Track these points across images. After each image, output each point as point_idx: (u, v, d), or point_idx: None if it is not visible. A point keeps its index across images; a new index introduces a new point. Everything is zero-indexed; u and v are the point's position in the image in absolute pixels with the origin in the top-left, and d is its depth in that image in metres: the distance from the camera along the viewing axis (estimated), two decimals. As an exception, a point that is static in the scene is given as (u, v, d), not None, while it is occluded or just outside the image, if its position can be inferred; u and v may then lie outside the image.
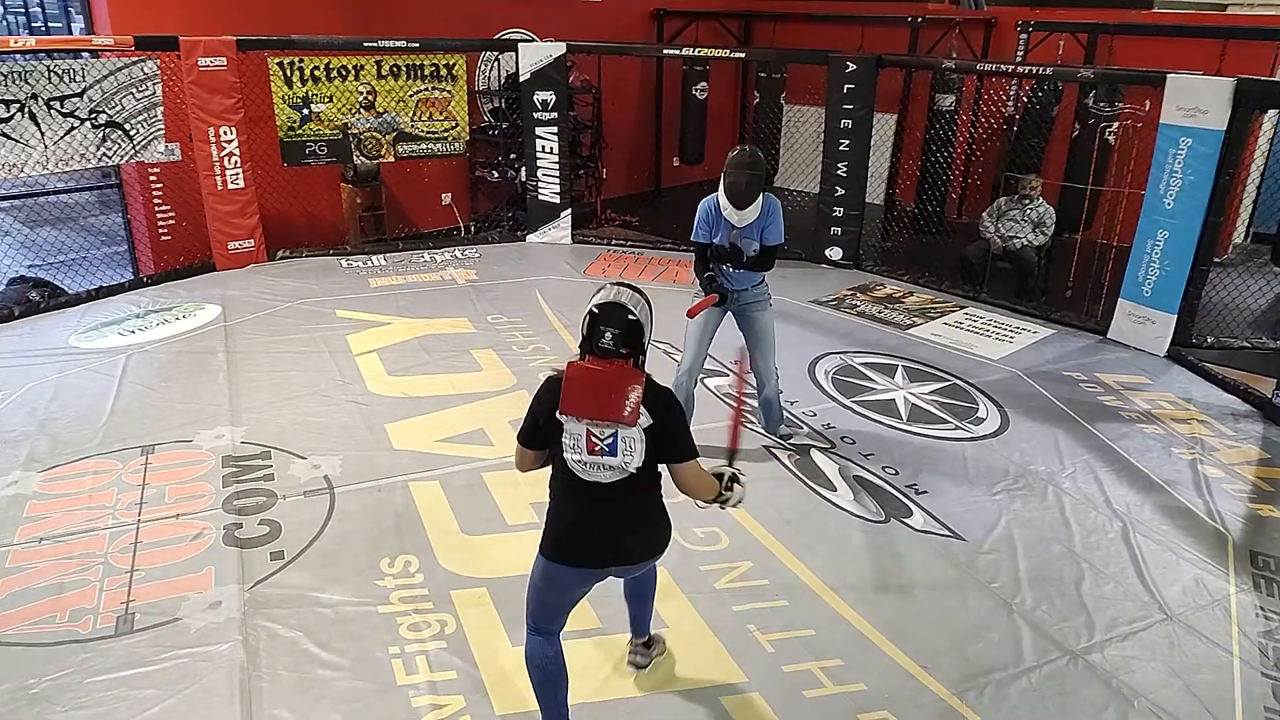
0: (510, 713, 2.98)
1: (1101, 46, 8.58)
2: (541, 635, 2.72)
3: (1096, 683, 3.19)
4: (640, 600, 3.10)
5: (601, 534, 2.62)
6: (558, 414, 2.51)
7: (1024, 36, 8.86)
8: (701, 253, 4.50)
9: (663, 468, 2.63)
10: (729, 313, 4.57)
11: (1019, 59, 8.86)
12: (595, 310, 2.55)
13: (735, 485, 2.77)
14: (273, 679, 3.09)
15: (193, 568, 3.65)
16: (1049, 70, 7.16)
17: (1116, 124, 7.00)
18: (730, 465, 2.81)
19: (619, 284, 2.63)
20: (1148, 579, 3.77)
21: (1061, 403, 5.40)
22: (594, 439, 2.51)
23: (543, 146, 8.29)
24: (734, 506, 2.82)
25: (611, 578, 2.76)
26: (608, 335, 2.51)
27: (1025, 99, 8.13)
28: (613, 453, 2.52)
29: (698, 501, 2.76)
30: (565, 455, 2.56)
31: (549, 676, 2.72)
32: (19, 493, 4.15)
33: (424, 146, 8.05)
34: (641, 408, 2.48)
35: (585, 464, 2.55)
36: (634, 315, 2.53)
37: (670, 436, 2.57)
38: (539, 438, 2.62)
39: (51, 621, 3.32)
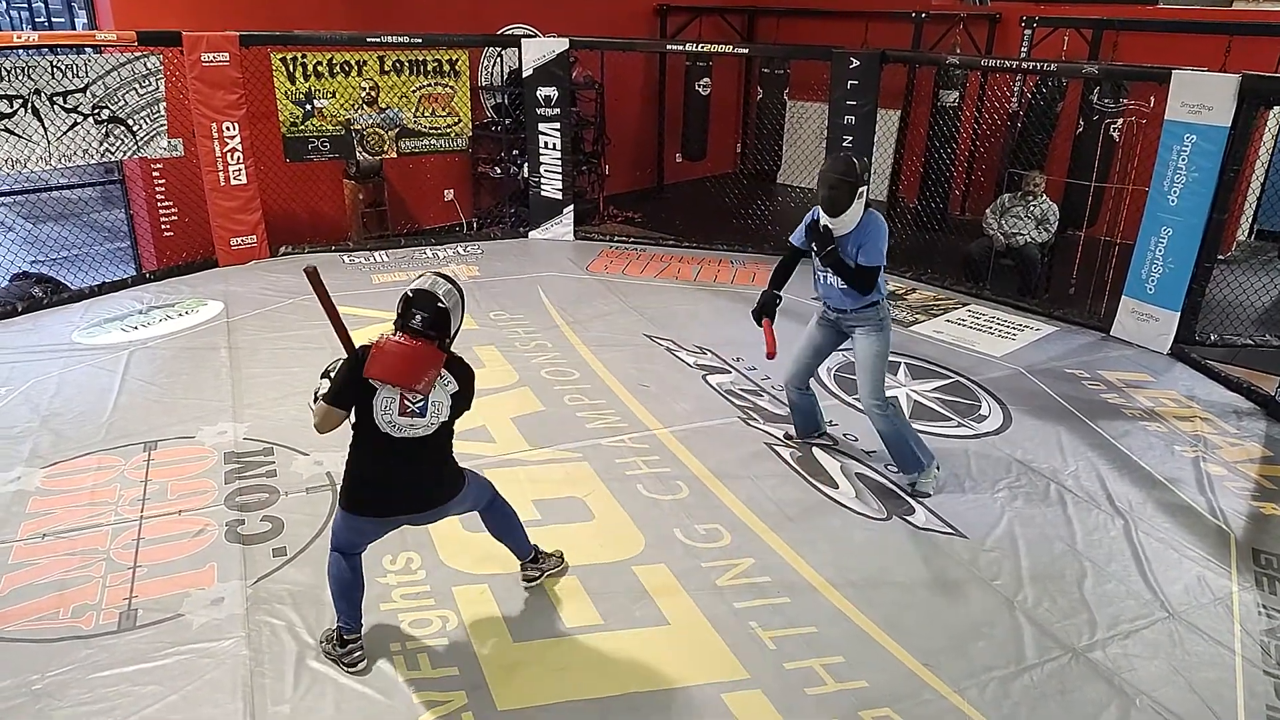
0: (512, 708, 2.99)
1: (1106, 42, 8.55)
2: (344, 555, 3.13)
3: (1098, 680, 3.19)
4: (508, 533, 3.45)
5: (404, 487, 3.02)
6: (370, 376, 2.86)
7: (1028, 32, 8.82)
8: (784, 261, 4.37)
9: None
10: (840, 331, 4.34)
11: (1023, 55, 8.83)
12: (410, 294, 2.93)
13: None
14: (275, 675, 3.10)
15: (195, 564, 3.66)
16: (1053, 66, 7.14)
17: (1121, 120, 6.97)
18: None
19: (437, 274, 3.02)
20: (1150, 577, 3.76)
21: (1064, 400, 5.39)
22: (406, 402, 2.89)
23: (545, 142, 8.28)
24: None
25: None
26: (418, 318, 2.90)
27: (1029, 95, 8.10)
28: (423, 414, 2.92)
29: None
30: (375, 416, 2.90)
31: (345, 585, 3.14)
32: (22, 489, 4.16)
33: (426, 142, 8.05)
34: (449, 374, 2.94)
35: (395, 424, 2.91)
36: (443, 304, 2.92)
37: (466, 397, 3.02)
38: (346, 399, 2.94)
39: (54, 617, 3.33)
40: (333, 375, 3.01)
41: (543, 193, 8.45)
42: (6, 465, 4.34)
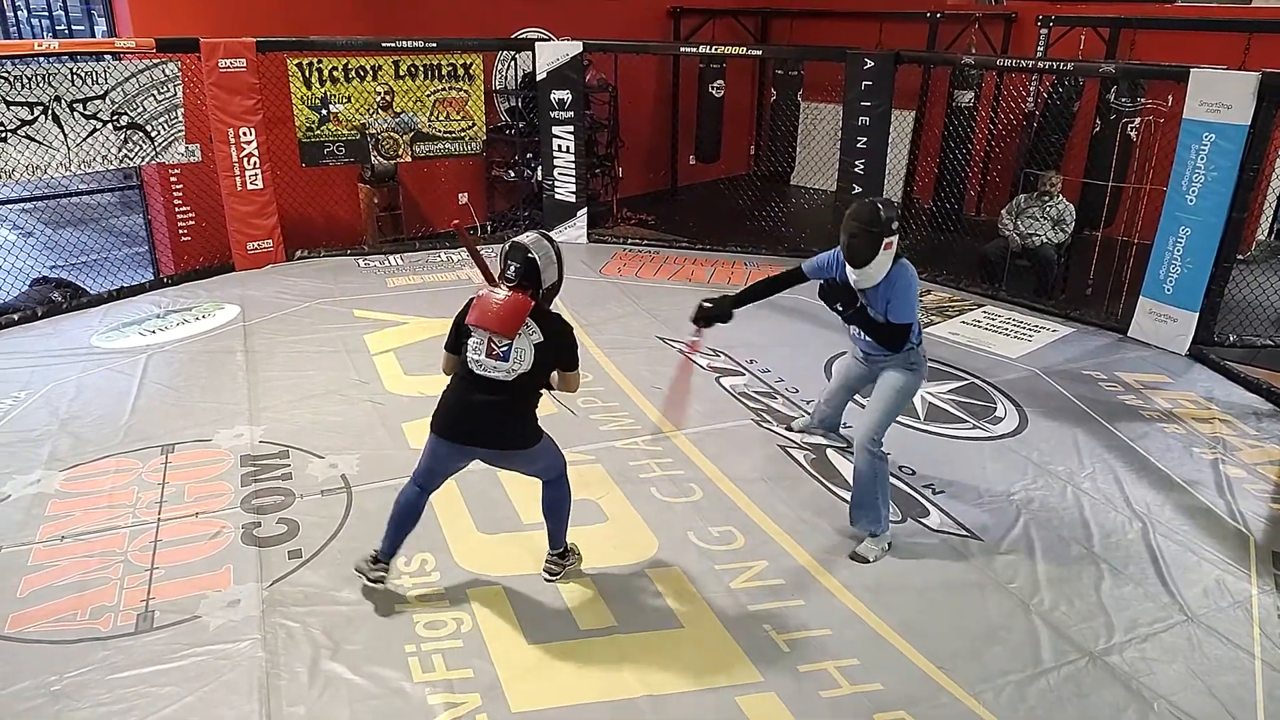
0: (526, 710, 2.99)
1: (1123, 41, 8.49)
2: (419, 486, 3.42)
3: (1115, 684, 3.16)
4: (555, 516, 3.58)
5: (480, 419, 3.24)
6: (466, 322, 3.21)
7: (1044, 31, 8.77)
8: (782, 278, 4.09)
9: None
10: (874, 372, 4.02)
11: (1039, 54, 8.78)
12: (506, 247, 3.27)
13: None
14: (290, 677, 3.12)
15: (212, 566, 3.68)
16: (1070, 65, 7.10)
17: (1138, 119, 6.92)
18: None
19: (540, 233, 3.33)
20: (1168, 580, 3.73)
21: (1081, 402, 5.35)
22: (493, 346, 3.18)
23: (559, 145, 8.30)
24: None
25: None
26: (511, 268, 3.22)
27: (1045, 95, 8.05)
28: (505, 359, 3.19)
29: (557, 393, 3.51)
30: (468, 355, 3.22)
31: (403, 516, 3.43)
32: (41, 491, 4.20)
33: (441, 146, 8.09)
34: (535, 326, 3.19)
35: (481, 364, 3.20)
36: (532, 255, 3.20)
37: (557, 351, 3.27)
38: (455, 343, 3.29)
39: (73, 619, 3.36)
40: None
41: (556, 196, 8.47)
42: (26, 468, 4.39)
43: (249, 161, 7.22)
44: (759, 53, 9.57)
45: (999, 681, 3.16)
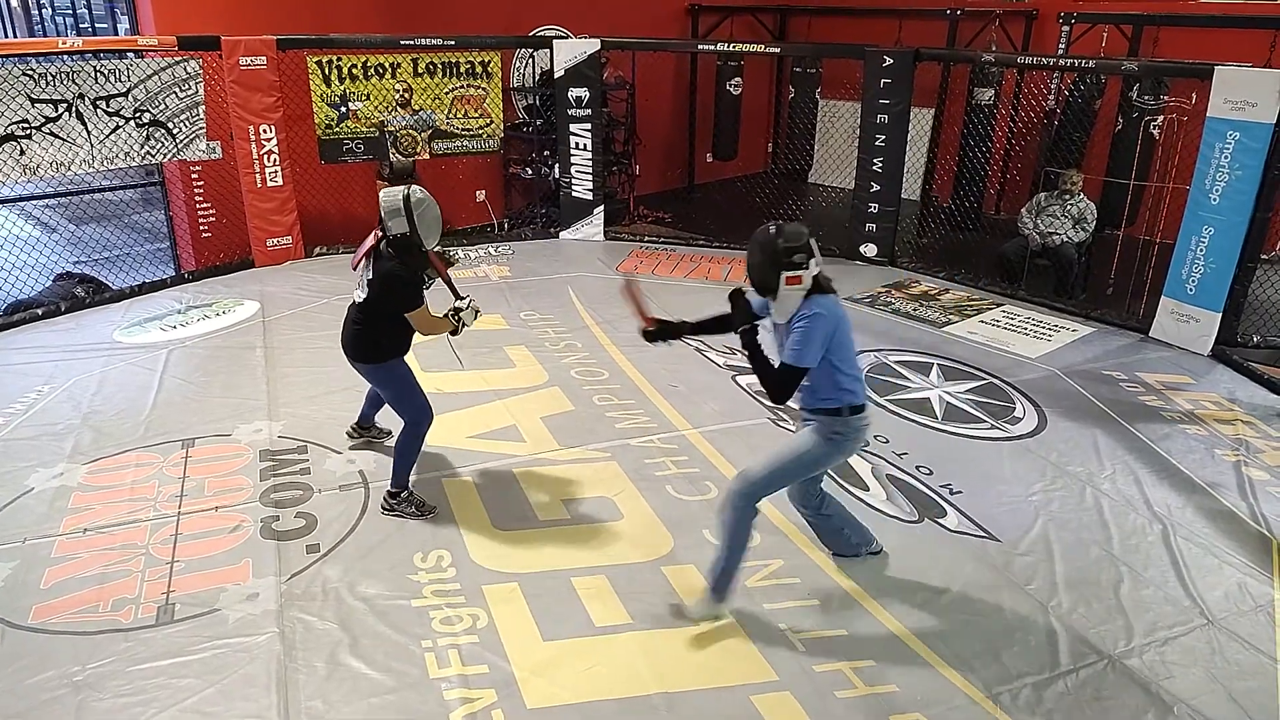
0: (541, 706, 3.00)
1: (1146, 38, 8.40)
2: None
3: (1135, 688, 3.14)
4: (396, 455, 4.04)
5: (345, 332, 4.00)
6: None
7: (1066, 28, 8.69)
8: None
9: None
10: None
11: (1061, 52, 8.70)
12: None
13: (460, 313, 4.04)
14: (308, 670, 3.14)
15: (231, 559, 3.72)
16: (1092, 63, 7.03)
17: (1161, 117, 6.85)
18: (456, 301, 4.08)
19: (406, 190, 3.76)
20: (1189, 583, 3.69)
21: (1101, 402, 5.30)
22: (361, 276, 3.90)
23: (576, 143, 8.31)
24: (469, 324, 4.08)
25: None
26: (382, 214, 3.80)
27: (1066, 92, 7.98)
28: (359, 286, 3.89)
29: (447, 336, 4.08)
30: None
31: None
32: (64, 484, 4.25)
33: (459, 144, 8.11)
34: (372, 265, 3.82)
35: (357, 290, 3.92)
36: (382, 203, 3.76)
37: (384, 294, 3.81)
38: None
39: (95, 611, 3.40)
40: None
41: (573, 193, 8.47)
42: (49, 461, 4.44)
43: (269, 159, 7.27)
44: (777, 50, 9.53)
45: (1016, 684, 3.14)
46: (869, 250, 7.84)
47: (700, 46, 9.43)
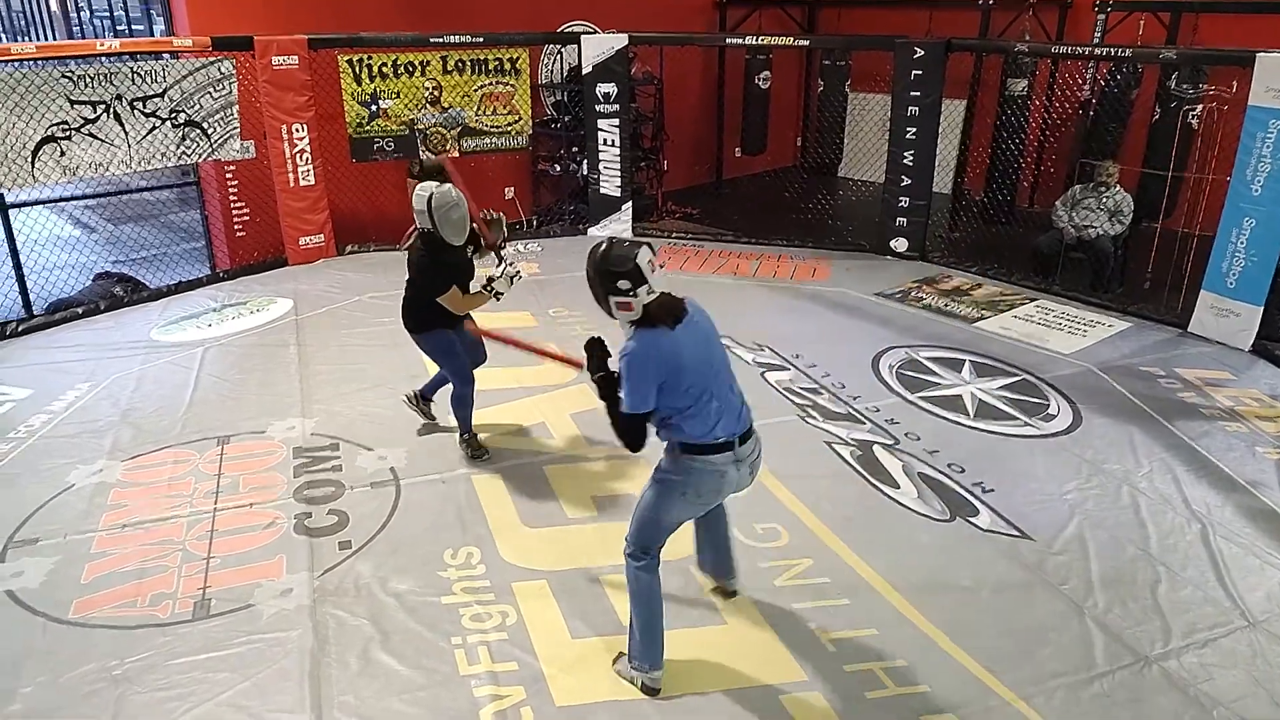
0: (570, 704, 3.01)
1: (1185, 25, 8.22)
2: None
3: (1172, 690, 3.08)
4: (454, 408, 4.54)
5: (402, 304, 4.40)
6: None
7: (1101, 17, 8.52)
8: None
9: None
10: None
11: (1096, 41, 8.54)
12: None
13: (493, 283, 4.27)
14: (340, 665, 3.18)
15: (265, 555, 3.77)
16: (1128, 52, 6.88)
17: (1200, 107, 6.70)
18: (493, 270, 4.37)
19: (437, 189, 4.00)
20: (1228, 583, 3.62)
21: (1138, 399, 5.21)
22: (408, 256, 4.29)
23: (604, 139, 8.30)
24: (506, 293, 4.30)
25: None
26: None
27: (1102, 82, 7.83)
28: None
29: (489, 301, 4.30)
30: None
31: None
32: (104, 480, 4.34)
33: (488, 141, 8.15)
34: (411, 252, 4.25)
35: None
36: (421, 193, 4.01)
37: (415, 279, 4.24)
38: None
39: (133, 605, 3.47)
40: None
41: (601, 190, 8.47)
42: (89, 458, 4.53)
43: (301, 158, 7.35)
44: (806, 43, 9.45)
45: (1050, 684, 3.10)
46: (899, 245, 7.76)
47: (728, 40, 9.35)
